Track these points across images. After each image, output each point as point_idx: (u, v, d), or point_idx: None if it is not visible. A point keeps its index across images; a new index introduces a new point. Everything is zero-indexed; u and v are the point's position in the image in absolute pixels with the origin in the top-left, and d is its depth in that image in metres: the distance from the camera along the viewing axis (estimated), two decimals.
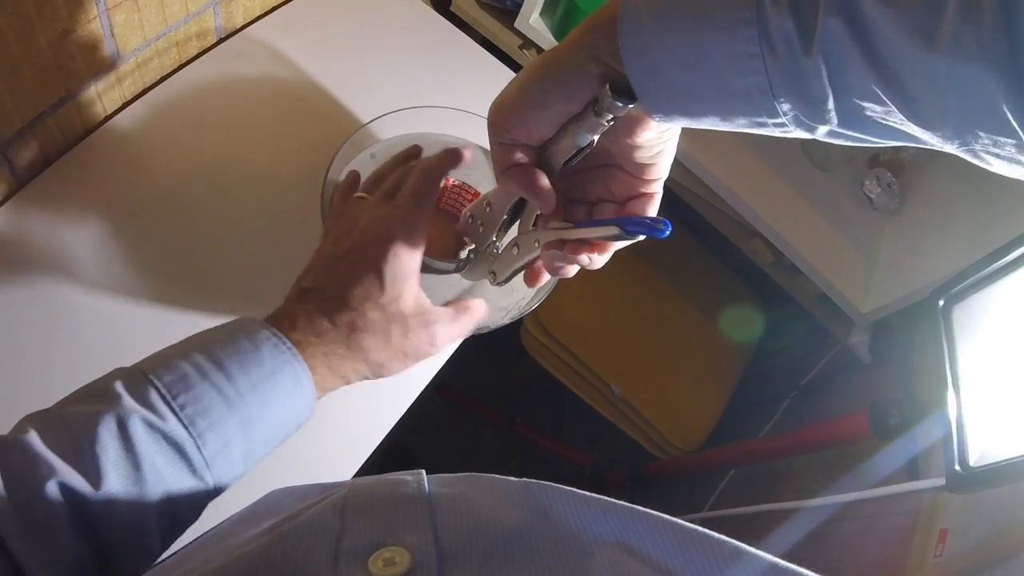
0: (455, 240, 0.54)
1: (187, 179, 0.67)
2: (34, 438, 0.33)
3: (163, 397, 0.36)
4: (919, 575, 0.78)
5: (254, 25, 0.78)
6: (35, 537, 0.31)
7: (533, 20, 1.00)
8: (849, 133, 0.32)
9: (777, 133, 0.33)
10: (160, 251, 0.64)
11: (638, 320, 1.40)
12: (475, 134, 0.68)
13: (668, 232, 0.35)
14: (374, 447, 0.64)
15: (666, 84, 0.33)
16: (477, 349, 0.45)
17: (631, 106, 0.35)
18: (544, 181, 0.40)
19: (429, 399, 1.74)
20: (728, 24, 0.30)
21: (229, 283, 0.65)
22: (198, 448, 0.36)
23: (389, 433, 0.65)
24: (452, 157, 0.51)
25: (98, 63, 0.61)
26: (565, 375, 1.37)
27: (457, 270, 0.55)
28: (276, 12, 0.80)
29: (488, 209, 0.49)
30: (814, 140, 0.33)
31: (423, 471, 0.32)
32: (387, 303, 0.45)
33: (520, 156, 0.40)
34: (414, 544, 0.25)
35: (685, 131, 0.38)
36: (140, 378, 0.36)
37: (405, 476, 0.31)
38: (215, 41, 0.76)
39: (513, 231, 0.49)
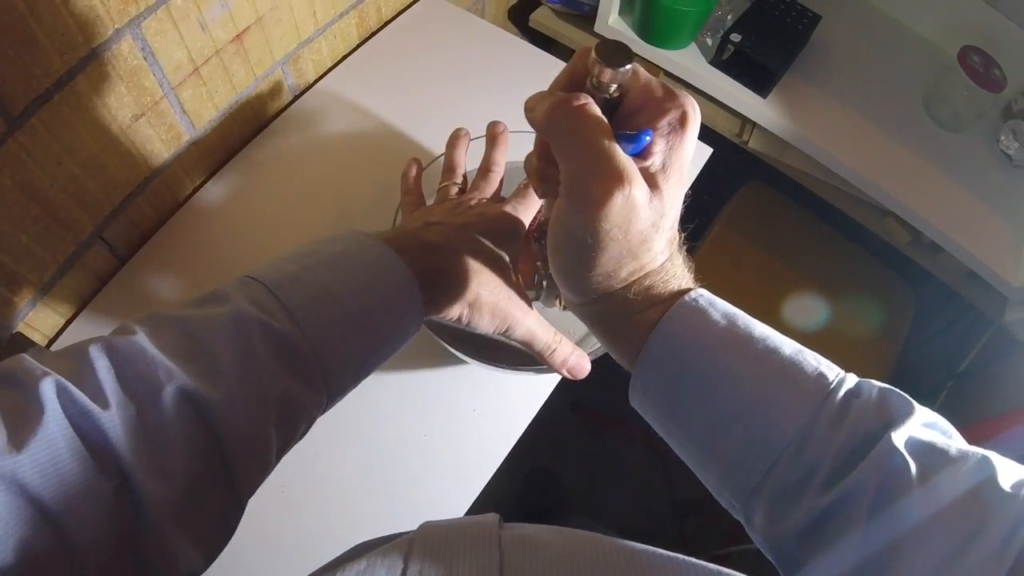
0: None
1: (276, 238, 0.69)
2: (145, 340, 0.31)
3: (275, 297, 0.35)
4: None
5: (327, 77, 0.79)
6: (149, 451, 0.28)
7: (612, 21, 0.93)
8: None
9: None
10: None
11: (771, 320, 1.26)
12: None
13: (647, 138, 0.34)
14: (487, 480, 0.61)
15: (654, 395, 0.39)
16: (606, 366, 0.43)
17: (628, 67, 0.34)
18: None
19: (565, 421, 1.71)
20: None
21: None
22: (316, 353, 0.35)
23: (530, 458, 0.61)
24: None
25: (175, 139, 0.64)
26: None
27: (536, 298, 0.51)
28: (348, 60, 0.81)
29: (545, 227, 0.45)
30: (938, 96, 0.25)
31: (497, 517, 0.29)
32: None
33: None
34: None
35: (793, 113, 0.33)
36: (251, 283, 0.36)
37: (483, 520, 0.28)
38: (291, 99, 0.78)
39: None
